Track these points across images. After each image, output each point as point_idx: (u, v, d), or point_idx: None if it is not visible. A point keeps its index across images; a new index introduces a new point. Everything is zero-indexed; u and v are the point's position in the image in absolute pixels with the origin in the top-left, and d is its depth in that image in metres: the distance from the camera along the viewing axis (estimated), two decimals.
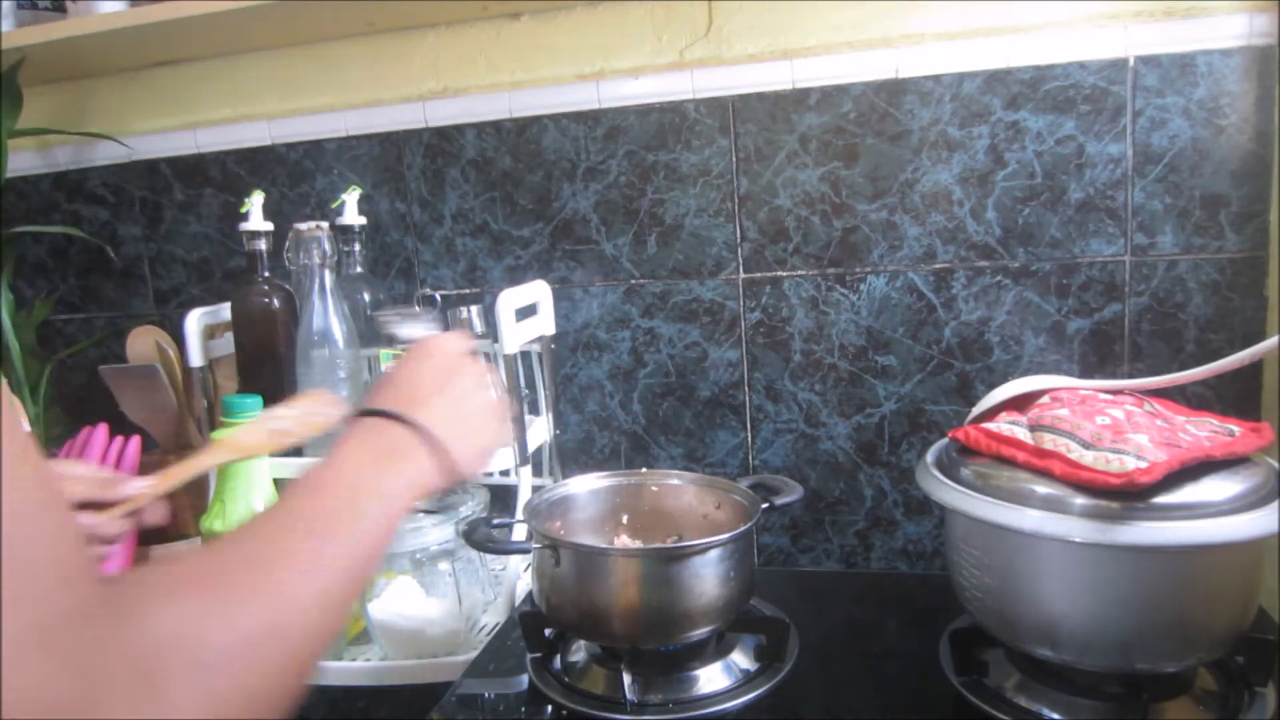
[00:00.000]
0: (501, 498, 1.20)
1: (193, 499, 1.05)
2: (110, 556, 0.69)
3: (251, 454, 0.77)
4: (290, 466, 1.01)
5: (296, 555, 0.41)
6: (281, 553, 0.41)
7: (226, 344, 1.15)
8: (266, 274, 1.10)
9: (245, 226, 1.09)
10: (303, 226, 1.06)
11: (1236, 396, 1.00)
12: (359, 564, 0.44)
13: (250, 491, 0.95)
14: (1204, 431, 0.77)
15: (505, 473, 1.12)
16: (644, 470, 1.01)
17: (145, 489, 0.68)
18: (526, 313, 1.10)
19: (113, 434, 1.09)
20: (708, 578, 0.83)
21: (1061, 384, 0.88)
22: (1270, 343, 0.71)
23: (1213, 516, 0.68)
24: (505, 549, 0.90)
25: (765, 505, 0.90)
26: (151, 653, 0.32)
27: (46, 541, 0.31)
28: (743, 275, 1.13)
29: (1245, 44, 0.94)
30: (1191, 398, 0.98)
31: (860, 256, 1.08)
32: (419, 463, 0.52)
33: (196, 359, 1.11)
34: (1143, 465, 0.69)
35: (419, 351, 0.60)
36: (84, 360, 1.40)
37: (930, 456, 0.87)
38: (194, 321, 1.10)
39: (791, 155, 1.09)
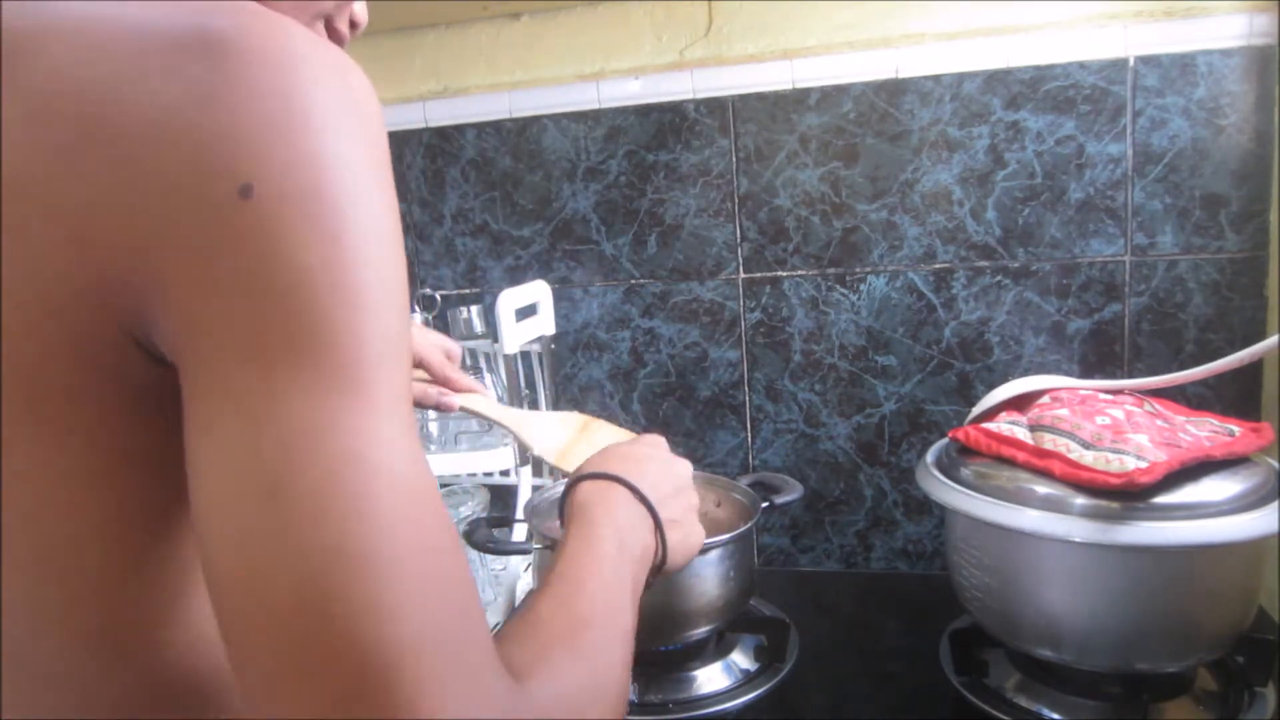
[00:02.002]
0: (501, 498, 1.20)
1: None
2: None
3: (545, 455, 0.75)
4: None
5: (613, 632, 0.44)
6: (608, 628, 0.43)
7: None
8: None
9: None
10: None
11: (1236, 396, 1.00)
12: (633, 627, 0.46)
13: None
14: (1204, 431, 0.77)
15: (505, 473, 1.12)
16: None
17: (471, 388, 0.76)
18: (526, 313, 1.10)
19: None
20: (708, 578, 0.84)
21: (1061, 384, 0.88)
22: (1270, 343, 0.71)
23: (1213, 516, 0.68)
24: (505, 549, 0.90)
25: (765, 504, 0.90)
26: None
27: (471, 587, 0.34)
28: (743, 275, 1.13)
29: (1245, 44, 0.94)
30: (1191, 398, 0.98)
31: (860, 256, 1.08)
32: (648, 539, 0.53)
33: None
34: (1143, 465, 0.69)
35: (649, 441, 0.62)
36: None
37: (930, 456, 0.87)
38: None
39: (791, 155, 1.09)
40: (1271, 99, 0.95)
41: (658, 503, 0.55)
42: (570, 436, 0.76)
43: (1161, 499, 0.68)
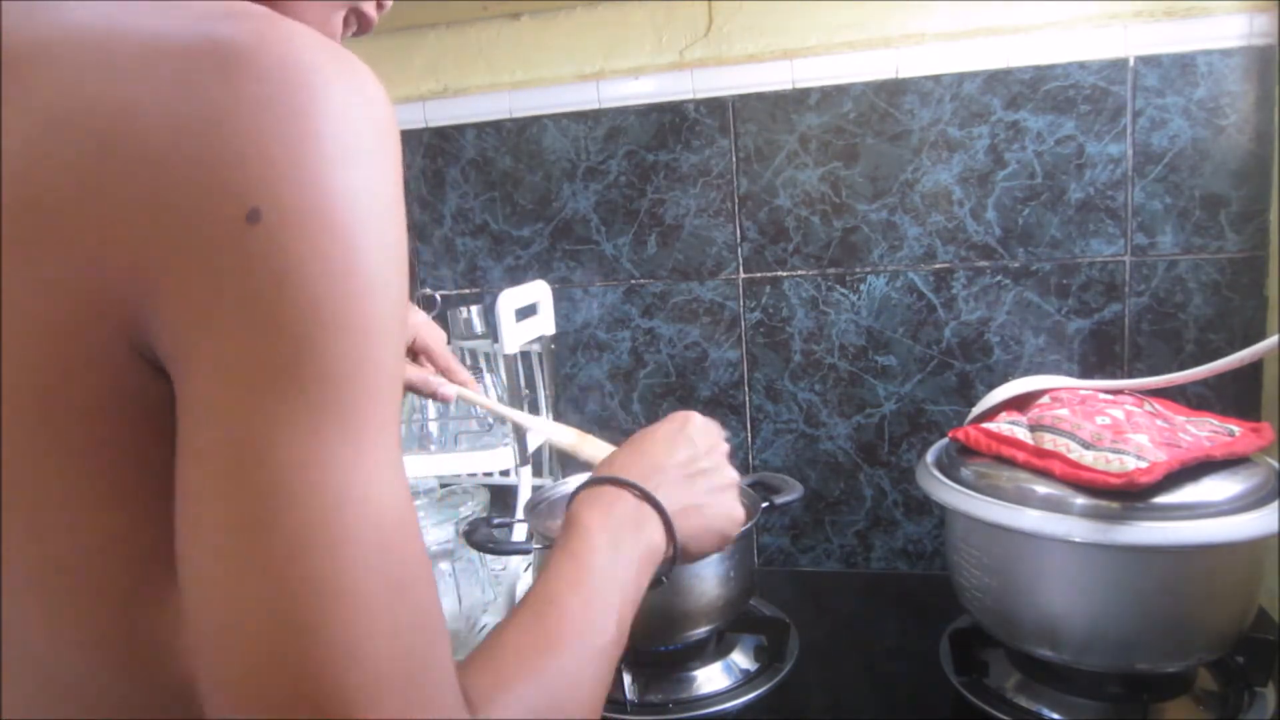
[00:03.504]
0: (501, 498, 1.20)
1: None
2: None
3: (553, 436, 0.78)
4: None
5: (587, 651, 0.43)
6: (580, 648, 0.43)
7: None
8: None
9: None
10: None
11: (1236, 396, 1.00)
12: (621, 639, 0.45)
13: None
14: (1204, 431, 0.77)
15: (505, 473, 1.12)
16: None
17: (467, 381, 0.81)
18: (526, 313, 1.10)
19: None
20: (708, 578, 0.84)
21: (1061, 384, 0.88)
22: (1270, 343, 0.71)
23: (1213, 516, 0.68)
24: (505, 549, 0.90)
25: (765, 504, 0.90)
26: None
27: (439, 617, 0.34)
28: (743, 275, 1.13)
29: (1245, 44, 0.94)
30: (1191, 398, 0.98)
31: (860, 256, 1.08)
32: (654, 535, 0.52)
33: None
34: (1143, 465, 0.69)
35: (674, 420, 0.60)
36: None
37: (930, 456, 0.87)
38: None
39: (791, 155, 1.09)
40: (1271, 99, 0.95)
41: (668, 494, 0.53)
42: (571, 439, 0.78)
43: (1161, 499, 0.68)
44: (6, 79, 0.31)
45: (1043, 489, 0.73)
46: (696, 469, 0.56)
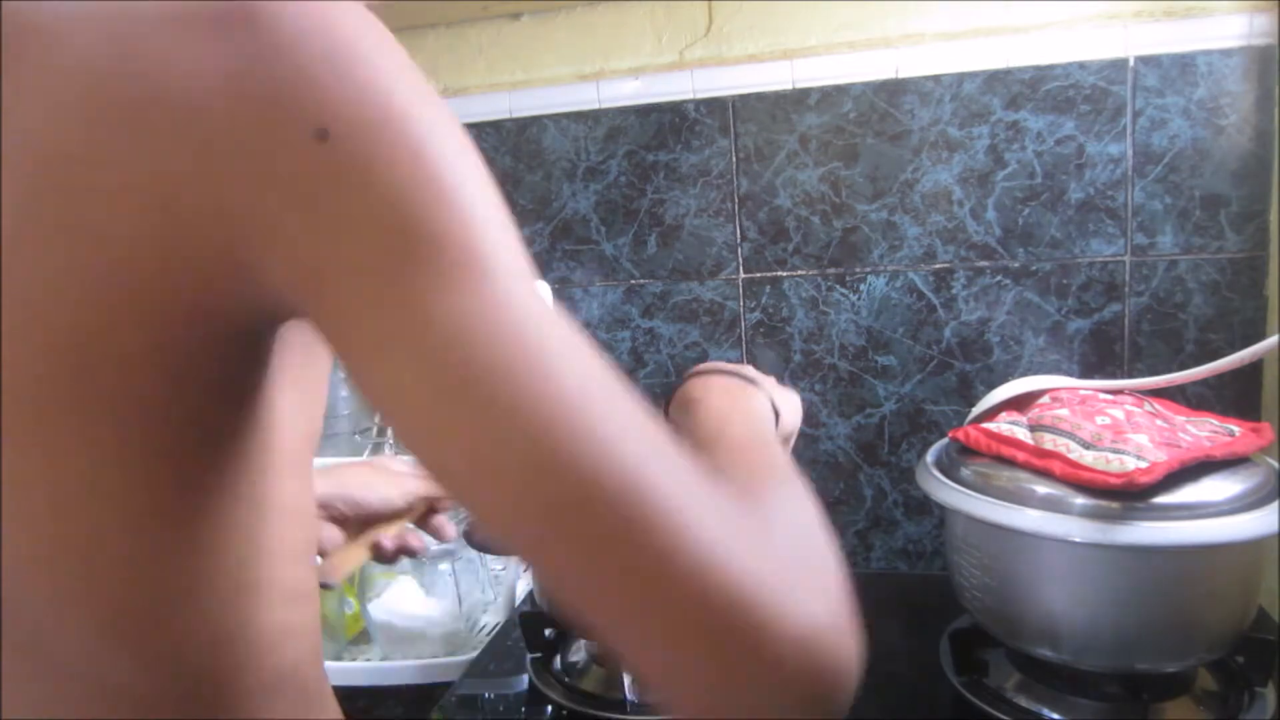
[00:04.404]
0: None
1: None
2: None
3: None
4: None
5: (799, 503, 0.44)
6: (796, 504, 0.44)
7: None
8: None
9: None
10: None
11: (1236, 396, 1.00)
12: (793, 468, 0.47)
13: None
14: (1204, 431, 0.77)
15: None
16: None
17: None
18: None
19: None
20: None
21: (1061, 384, 0.88)
22: (1270, 343, 0.71)
23: (1213, 516, 0.68)
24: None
25: None
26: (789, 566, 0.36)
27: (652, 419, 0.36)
28: (743, 275, 1.13)
29: (1245, 44, 0.94)
30: (1191, 398, 0.98)
31: (860, 256, 1.08)
32: (758, 396, 0.57)
33: None
34: (1143, 465, 0.69)
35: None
36: None
37: (930, 456, 0.87)
38: None
39: (791, 155, 1.09)
40: (1271, 99, 0.95)
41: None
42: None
43: (1161, 499, 0.68)
44: (30, 43, 0.32)
45: (1043, 489, 0.73)
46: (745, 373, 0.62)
